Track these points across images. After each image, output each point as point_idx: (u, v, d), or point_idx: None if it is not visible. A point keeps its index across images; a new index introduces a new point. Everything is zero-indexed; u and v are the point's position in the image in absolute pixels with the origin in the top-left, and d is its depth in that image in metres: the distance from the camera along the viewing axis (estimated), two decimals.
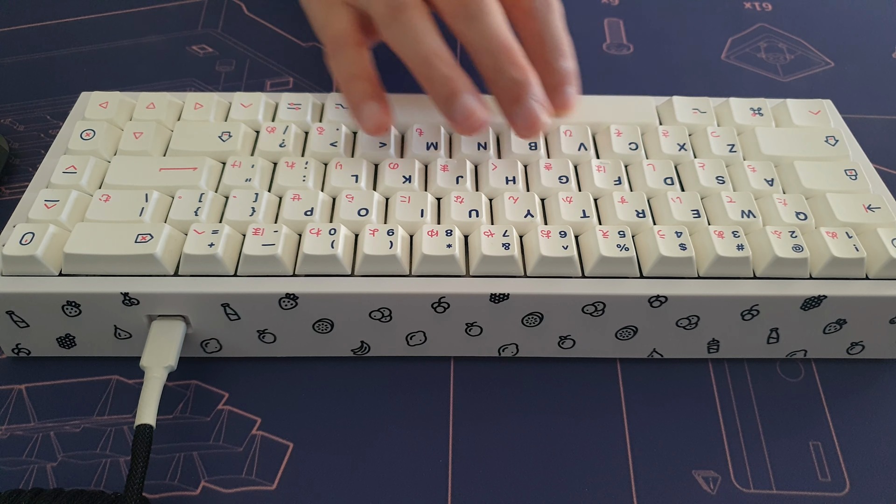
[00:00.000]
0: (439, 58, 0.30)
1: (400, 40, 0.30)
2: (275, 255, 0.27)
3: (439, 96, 0.30)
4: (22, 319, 0.28)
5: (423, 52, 0.30)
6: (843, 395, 0.30)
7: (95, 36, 0.45)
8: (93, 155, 0.31)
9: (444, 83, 0.29)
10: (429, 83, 0.30)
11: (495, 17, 0.30)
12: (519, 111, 0.30)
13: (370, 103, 0.30)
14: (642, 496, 0.27)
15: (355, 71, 0.31)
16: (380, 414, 0.29)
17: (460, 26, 0.30)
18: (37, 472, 0.27)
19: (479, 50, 0.30)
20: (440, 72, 0.29)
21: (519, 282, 0.28)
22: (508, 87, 0.30)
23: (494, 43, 0.30)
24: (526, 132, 0.30)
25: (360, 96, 0.31)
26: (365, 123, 0.31)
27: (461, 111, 0.29)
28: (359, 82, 0.31)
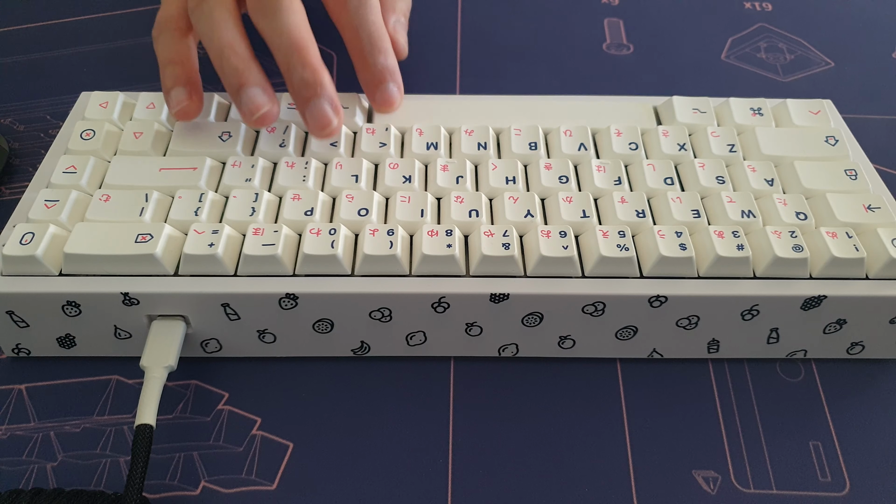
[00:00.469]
0: (232, 49, 0.30)
1: (200, 29, 0.31)
2: (275, 255, 0.27)
3: (229, 87, 0.30)
4: (22, 319, 0.28)
5: (218, 42, 0.30)
6: (843, 395, 0.30)
7: (95, 36, 0.45)
8: (93, 155, 0.31)
9: (234, 74, 0.30)
10: (221, 73, 0.30)
11: (292, 13, 0.30)
12: (309, 111, 0.30)
13: (177, 88, 0.31)
14: (642, 496, 0.27)
15: (170, 56, 0.32)
16: (380, 414, 0.29)
17: (258, 21, 0.30)
18: (37, 472, 0.27)
19: (274, 47, 0.30)
20: (231, 63, 0.30)
21: (519, 282, 0.28)
22: (299, 86, 0.30)
23: (287, 41, 0.30)
24: (317, 132, 0.31)
25: (169, 81, 0.31)
26: (170, 108, 0.31)
27: (247, 103, 0.30)
28: (171, 67, 0.31)
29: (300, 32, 0.30)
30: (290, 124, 0.33)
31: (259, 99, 0.30)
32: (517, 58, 0.45)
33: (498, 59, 0.44)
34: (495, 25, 0.47)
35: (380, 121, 0.34)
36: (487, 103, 0.34)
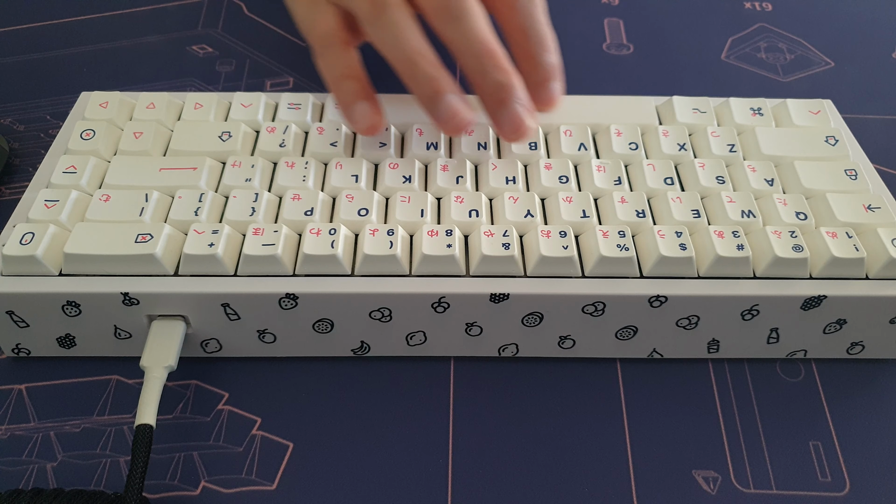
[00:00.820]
0: (423, 57, 0.29)
1: (383, 39, 0.30)
2: (275, 255, 0.27)
3: (423, 96, 0.30)
4: (22, 319, 0.28)
5: (407, 51, 0.29)
6: (843, 395, 0.30)
7: (95, 36, 0.45)
8: (93, 155, 0.31)
9: (427, 83, 0.29)
10: (413, 82, 0.30)
11: (478, 18, 0.30)
12: (503, 114, 0.30)
13: (360, 103, 0.30)
14: (642, 496, 0.27)
15: (344, 71, 0.31)
16: (380, 414, 0.29)
17: (443, 27, 0.30)
18: (37, 472, 0.27)
19: (463, 52, 0.30)
20: (424, 71, 0.29)
21: (519, 282, 0.28)
22: (493, 90, 0.30)
23: (478, 45, 0.29)
24: (510, 135, 0.30)
25: (349, 96, 0.31)
26: (357, 124, 0.31)
27: (445, 111, 0.29)
28: (348, 82, 0.31)
29: (488, 36, 0.30)
30: (290, 124, 0.33)
31: (457, 104, 0.29)
32: None
33: None
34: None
35: None
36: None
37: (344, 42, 0.32)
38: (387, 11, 0.30)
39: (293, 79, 0.43)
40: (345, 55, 0.31)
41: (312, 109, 0.34)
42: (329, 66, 0.31)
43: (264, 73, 0.43)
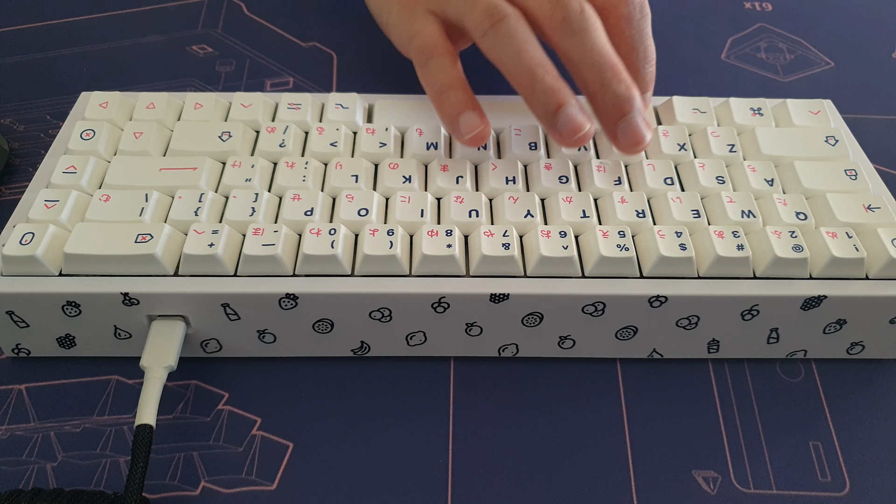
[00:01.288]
0: (543, 69, 0.29)
1: (500, 50, 0.30)
2: (275, 255, 0.27)
3: (544, 108, 0.29)
4: (22, 319, 0.28)
5: (526, 62, 0.29)
6: (843, 395, 0.30)
7: (95, 36, 0.45)
8: (93, 155, 0.31)
9: (548, 95, 0.29)
10: (532, 95, 0.29)
11: (599, 30, 0.30)
12: (624, 127, 0.30)
13: (467, 114, 0.30)
14: (642, 496, 0.27)
15: (448, 81, 0.31)
16: (380, 414, 0.29)
17: (563, 40, 0.30)
18: (37, 472, 0.27)
19: (583, 65, 0.30)
20: (545, 83, 0.29)
21: (519, 282, 0.28)
22: (613, 102, 0.29)
23: (599, 58, 0.29)
24: (630, 148, 0.30)
25: (455, 107, 0.30)
26: (463, 135, 0.30)
27: (566, 124, 0.29)
28: (453, 93, 0.30)
29: (609, 49, 0.30)
30: (290, 124, 0.33)
31: (580, 117, 0.29)
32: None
33: None
34: None
35: (380, 121, 0.34)
36: (488, 103, 0.34)
37: (448, 52, 0.31)
38: (505, 22, 0.30)
39: (293, 79, 0.43)
40: (449, 66, 0.31)
41: (312, 109, 0.34)
42: (433, 77, 0.31)
43: (264, 73, 0.43)
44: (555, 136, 0.30)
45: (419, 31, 0.32)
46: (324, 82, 0.43)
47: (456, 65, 0.31)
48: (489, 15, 0.30)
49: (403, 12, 0.33)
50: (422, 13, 0.32)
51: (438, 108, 0.31)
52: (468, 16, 0.31)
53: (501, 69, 0.30)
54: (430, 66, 0.31)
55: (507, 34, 0.29)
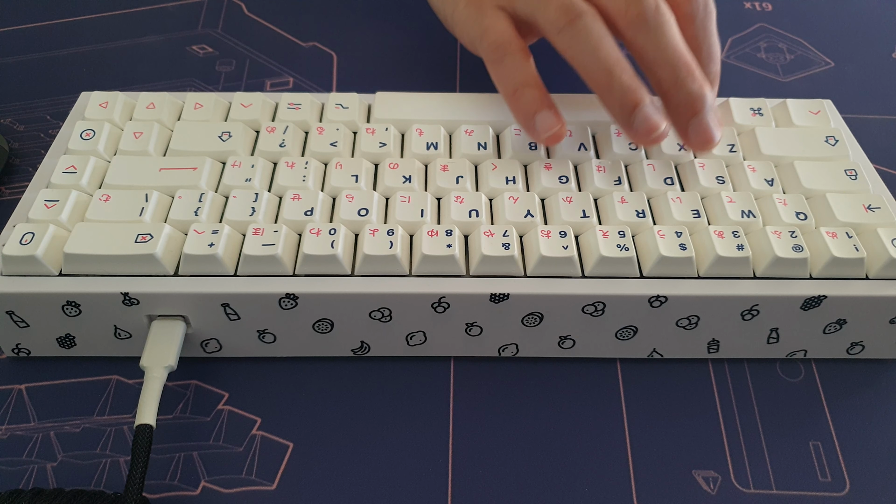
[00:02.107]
0: (621, 67, 0.29)
1: (576, 48, 0.30)
2: (275, 255, 0.27)
3: (620, 106, 0.29)
4: (22, 319, 0.28)
5: (604, 60, 0.29)
6: (843, 395, 0.30)
7: (95, 36, 0.45)
8: (93, 155, 0.31)
9: (625, 93, 0.29)
10: (608, 93, 0.29)
11: (673, 28, 0.30)
12: (695, 125, 0.29)
13: (543, 112, 0.30)
14: (642, 496, 0.27)
15: (523, 79, 0.31)
16: (380, 414, 0.29)
17: (637, 37, 0.30)
18: (37, 472, 0.27)
19: (657, 62, 0.30)
20: (622, 82, 0.29)
21: (519, 282, 0.28)
22: (687, 100, 0.29)
23: (674, 56, 0.29)
24: (700, 146, 0.30)
25: (532, 105, 0.30)
26: (540, 134, 0.30)
27: (642, 123, 0.29)
28: (528, 90, 0.30)
29: (683, 47, 0.30)
30: (290, 124, 0.33)
31: (656, 117, 0.29)
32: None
33: None
34: None
35: (380, 121, 0.34)
36: (488, 102, 0.34)
37: (521, 49, 0.31)
38: (581, 20, 0.29)
39: (293, 79, 0.43)
40: (523, 63, 0.31)
41: (312, 109, 0.34)
42: (507, 75, 0.31)
43: (264, 73, 0.43)
44: (630, 134, 0.30)
45: (490, 27, 0.32)
46: (324, 82, 0.43)
47: (530, 62, 0.31)
48: (565, 12, 0.30)
49: (470, 7, 0.33)
50: (491, 9, 0.32)
51: (513, 105, 0.31)
52: (542, 12, 0.30)
53: (576, 67, 0.30)
54: (504, 63, 0.31)
55: (583, 31, 0.29)
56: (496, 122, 0.34)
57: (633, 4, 0.30)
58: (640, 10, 0.30)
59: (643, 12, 0.29)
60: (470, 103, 0.34)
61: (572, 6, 0.30)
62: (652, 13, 0.29)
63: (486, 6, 0.33)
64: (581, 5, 0.30)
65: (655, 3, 0.30)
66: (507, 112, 0.34)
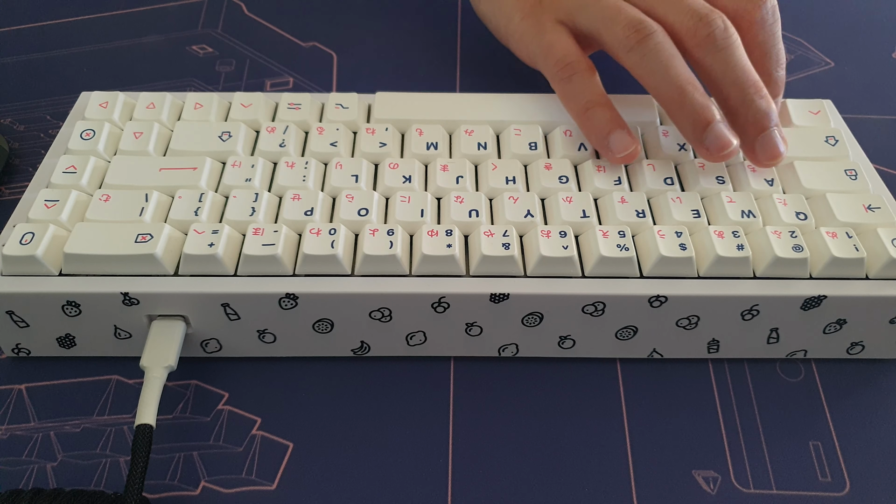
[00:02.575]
0: (692, 85, 0.30)
1: (647, 67, 0.30)
2: (275, 255, 0.27)
3: (692, 124, 0.30)
4: (22, 319, 0.28)
5: (675, 79, 0.30)
6: (843, 395, 0.30)
7: (95, 36, 0.45)
8: (93, 155, 0.31)
9: (697, 112, 0.29)
10: (681, 111, 0.30)
11: (741, 48, 0.30)
12: (763, 141, 0.30)
13: (618, 132, 0.30)
14: (642, 496, 0.27)
15: (594, 98, 0.31)
16: (380, 414, 0.29)
17: (706, 57, 0.30)
18: (37, 472, 0.27)
19: (726, 81, 0.30)
20: (693, 100, 0.29)
21: (519, 282, 0.28)
22: (755, 117, 0.30)
23: (742, 75, 0.30)
24: (767, 161, 0.30)
25: (604, 126, 0.31)
26: (615, 154, 0.31)
27: (714, 140, 0.29)
28: (600, 110, 0.31)
29: (750, 65, 0.30)
30: (290, 124, 0.33)
31: (728, 134, 0.29)
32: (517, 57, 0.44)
33: (498, 58, 0.44)
34: None
35: (380, 121, 0.34)
36: (488, 102, 0.34)
37: (589, 67, 0.32)
38: (652, 38, 0.30)
39: (293, 79, 0.43)
40: (591, 81, 0.31)
41: (312, 109, 0.34)
42: (576, 93, 0.31)
43: (264, 73, 0.43)
44: (702, 151, 0.30)
45: (553, 43, 0.32)
46: (324, 82, 0.43)
47: (597, 80, 0.31)
48: (635, 30, 0.30)
49: (528, 21, 0.33)
50: (551, 23, 0.32)
51: (584, 125, 0.31)
52: (609, 30, 0.31)
53: (647, 84, 0.31)
54: (572, 82, 0.31)
55: (654, 50, 0.30)
56: (496, 122, 0.34)
57: (703, 25, 0.30)
58: (710, 31, 0.30)
59: (712, 33, 0.30)
60: (470, 103, 0.34)
61: (642, 24, 0.30)
62: (721, 34, 0.30)
63: (546, 20, 0.33)
64: (650, 24, 0.30)
65: (724, 24, 0.30)
66: (506, 112, 0.34)
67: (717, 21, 0.30)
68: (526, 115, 0.34)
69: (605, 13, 0.32)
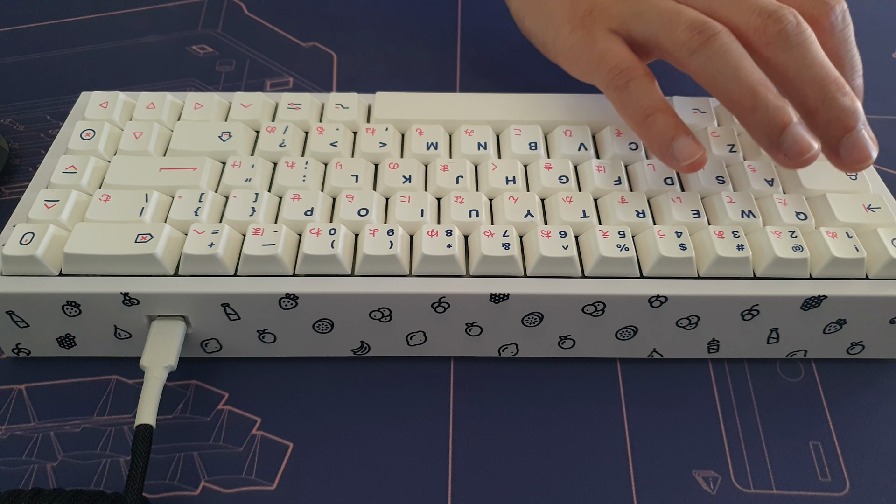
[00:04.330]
0: (765, 86, 0.28)
1: (714, 69, 0.28)
2: (275, 255, 0.27)
3: (767, 128, 0.28)
4: (22, 319, 0.28)
5: (746, 81, 0.28)
6: (843, 395, 0.30)
7: (95, 36, 0.45)
8: (93, 155, 0.31)
9: (773, 114, 0.27)
10: (753, 114, 0.28)
11: (816, 43, 0.28)
12: (849, 142, 0.28)
13: (682, 138, 0.29)
14: (642, 496, 0.27)
15: (653, 104, 0.29)
16: (380, 414, 0.29)
17: (778, 55, 0.28)
18: (37, 472, 0.27)
19: (803, 80, 0.28)
20: (767, 101, 0.27)
21: (519, 282, 0.28)
22: (838, 116, 0.28)
23: (821, 71, 0.28)
24: (854, 165, 0.28)
25: (667, 132, 0.29)
26: (681, 161, 0.29)
27: (792, 144, 0.27)
28: (661, 116, 0.29)
29: (828, 61, 0.28)
30: (290, 124, 0.33)
31: (807, 137, 0.27)
32: (517, 57, 0.45)
33: (498, 58, 0.44)
34: (495, 25, 0.47)
35: (380, 121, 0.34)
36: (488, 102, 0.34)
37: (646, 73, 0.30)
38: (717, 39, 0.28)
39: (293, 79, 0.43)
40: (650, 87, 0.30)
41: (312, 109, 0.34)
42: (634, 101, 0.30)
43: (264, 73, 0.43)
44: (778, 157, 0.28)
45: (606, 52, 0.31)
46: (324, 82, 0.43)
47: (656, 86, 0.30)
48: (698, 32, 0.29)
49: (578, 33, 0.32)
50: (603, 32, 0.31)
51: (645, 133, 0.30)
52: (669, 34, 0.29)
53: (713, 89, 0.29)
54: (630, 89, 0.30)
55: (720, 52, 0.28)
56: (496, 122, 0.34)
57: (772, 21, 0.28)
58: (782, 27, 0.28)
59: (784, 28, 0.28)
60: (470, 103, 0.34)
61: (705, 25, 0.29)
62: (793, 29, 0.28)
63: (597, 30, 0.31)
64: (714, 24, 0.29)
65: (796, 19, 0.28)
66: (506, 112, 0.34)
67: (788, 16, 0.28)
68: (526, 115, 0.34)
69: (664, 17, 0.30)
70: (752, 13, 0.29)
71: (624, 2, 0.31)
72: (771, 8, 0.29)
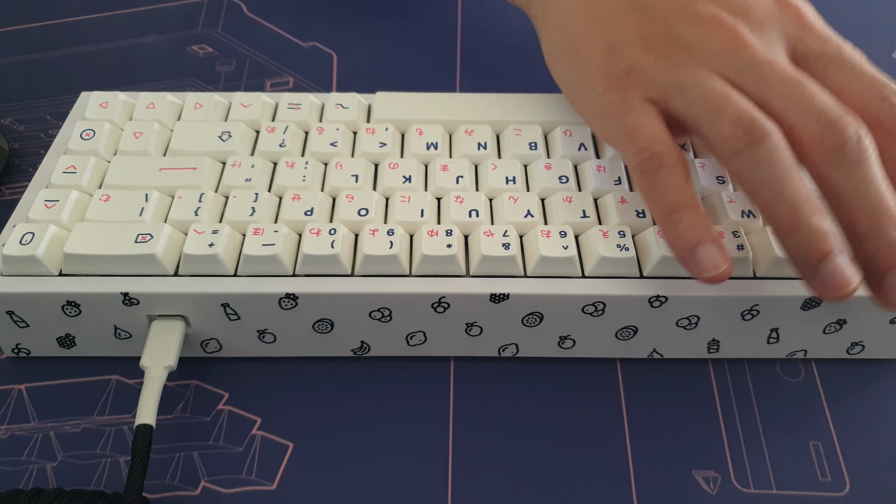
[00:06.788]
0: (810, 207, 0.25)
1: (757, 176, 0.25)
2: (275, 255, 0.27)
3: (805, 253, 0.25)
4: (22, 319, 0.28)
5: (791, 197, 0.25)
6: (843, 395, 0.30)
7: (95, 36, 0.45)
8: (93, 155, 0.31)
9: (814, 240, 0.24)
10: (792, 235, 0.25)
11: (876, 165, 0.25)
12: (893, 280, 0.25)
13: (707, 246, 0.25)
14: (642, 496, 0.27)
15: (683, 199, 0.26)
16: (380, 414, 0.29)
17: (833, 172, 0.25)
18: (37, 472, 0.27)
19: (854, 203, 0.25)
20: (811, 225, 0.24)
21: (519, 282, 0.28)
22: (887, 251, 0.25)
23: (875, 199, 0.25)
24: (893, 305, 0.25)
25: (692, 235, 0.26)
26: (702, 271, 0.26)
27: (832, 277, 0.24)
28: (688, 214, 0.26)
29: (886, 187, 0.25)
30: (290, 124, 0.33)
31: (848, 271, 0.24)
32: (517, 57, 0.44)
33: (498, 58, 0.44)
34: (495, 25, 0.46)
35: (380, 121, 0.34)
36: (488, 102, 0.34)
37: (679, 161, 0.26)
38: (766, 143, 0.25)
39: (293, 79, 0.43)
40: (682, 179, 0.26)
41: (312, 109, 0.34)
42: (663, 191, 0.26)
43: (264, 73, 0.43)
44: (814, 284, 0.25)
45: (638, 126, 0.27)
46: (324, 82, 0.43)
47: (689, 177, 0.26)
48: (746, 131, 0.25)
49: (612, 95, 0.28)
50: (639, 101, 0.28)
51: (668, 230, 0.26)
52: (712, 124, 0.26)
53: (752, 196, 0.26)
54: (658, 177, 0.26)
55: (767, 158, 0.25)
56: (496, 122, 0.34)
57: (832, 133, 0.25)
58: (841, 142, 0.25)
59: (844, 144, 0.25)
60: (470, 103, 0.34)
61: (753, 124, 0.25)
62: (854, 147, 0.25)
63: (633, 96, 0.28)
64: (764, 124, 0.25)
65: (857, 134, 0.25)
66: (506, 112, 0.34)
67: (850, 129, 0.25)
68: (526, 115, 0.34)
69: (709, 101, 0.26)
70: (811, 116, 0.25)
71: (667, 69, 0.27)
72: (832, 116, 0.25)
